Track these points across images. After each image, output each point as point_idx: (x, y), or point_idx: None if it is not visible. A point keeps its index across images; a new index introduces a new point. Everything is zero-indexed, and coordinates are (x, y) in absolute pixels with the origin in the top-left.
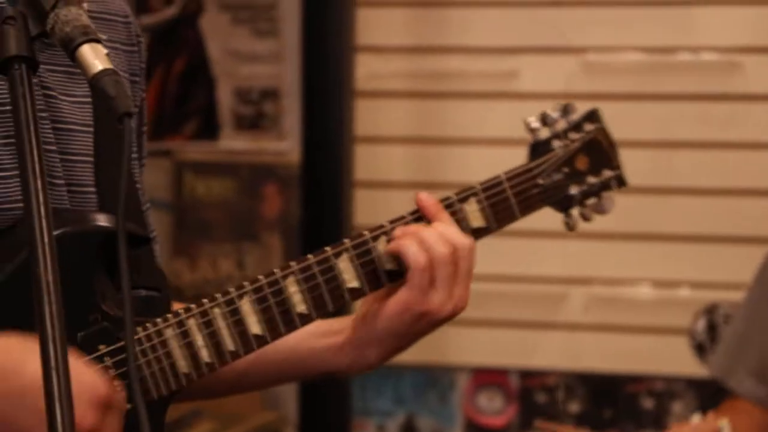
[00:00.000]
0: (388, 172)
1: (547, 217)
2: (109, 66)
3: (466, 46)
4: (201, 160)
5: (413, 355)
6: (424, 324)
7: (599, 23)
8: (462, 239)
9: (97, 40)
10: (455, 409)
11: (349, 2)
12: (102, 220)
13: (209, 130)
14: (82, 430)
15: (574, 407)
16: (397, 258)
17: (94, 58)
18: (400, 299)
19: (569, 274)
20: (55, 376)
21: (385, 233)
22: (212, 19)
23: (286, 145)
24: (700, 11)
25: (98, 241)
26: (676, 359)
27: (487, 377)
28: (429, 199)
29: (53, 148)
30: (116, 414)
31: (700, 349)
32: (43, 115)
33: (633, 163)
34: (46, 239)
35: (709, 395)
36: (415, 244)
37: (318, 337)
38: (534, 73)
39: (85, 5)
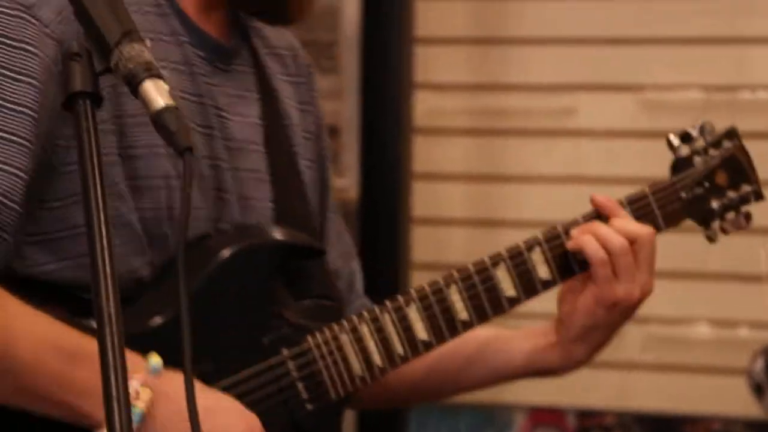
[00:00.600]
0: (446, 209)
1: None
2: (171, 102)
3: (525, 83)
4: None
5: (470, 393)
6: (617, 314)
7: (657, 61)
8: (638, 228)
9: (160, 76)
10: None
11: (408, 39)
12: (280, 234)
13: None
14: None
15: None
16: (555, 262)
17: (157, 94)
18: (588, 295)
19: None
20: (116, 406)
21: (539, 244)
22: None
23: (345, 181)
24: (759, 50)
25: (278, 253)
26: (734, 400)
27: (544, 417)
28: (603, 198)
29: (226, 164)
30: None
31: (759, 390)
32: (216, 133)
33: None
34: (108, 270)
35: None
36: (592, 240)
37: (517, 340)
38: (592, 110)
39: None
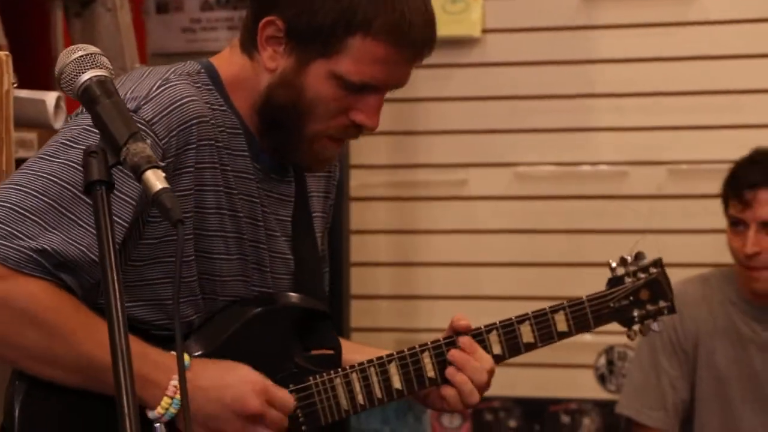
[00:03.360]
0: (376, 255)
1: None
2: (166, 185)
3: (431, 162)
4: None
5: None
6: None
7: (526, 144)
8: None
9: (158, 166)
10: (426, 427)
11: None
12: (296, 299)
13: None
14: (247, 411)
15: (512, 423)
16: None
17: (155, 180)
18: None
19: None
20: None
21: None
22: None
23: None
24: (597, 135)
25: (293, 313)
26: (584, 386)
27: None
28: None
29: (264, 246)
30: (280, 410)
31: (602, 379)
32: (260, 224)
33: (547, 245)
34: (121, 326)
35: (609, 413)
36: (471, 360)
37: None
38: (479, 181)
39: (148, 141)
